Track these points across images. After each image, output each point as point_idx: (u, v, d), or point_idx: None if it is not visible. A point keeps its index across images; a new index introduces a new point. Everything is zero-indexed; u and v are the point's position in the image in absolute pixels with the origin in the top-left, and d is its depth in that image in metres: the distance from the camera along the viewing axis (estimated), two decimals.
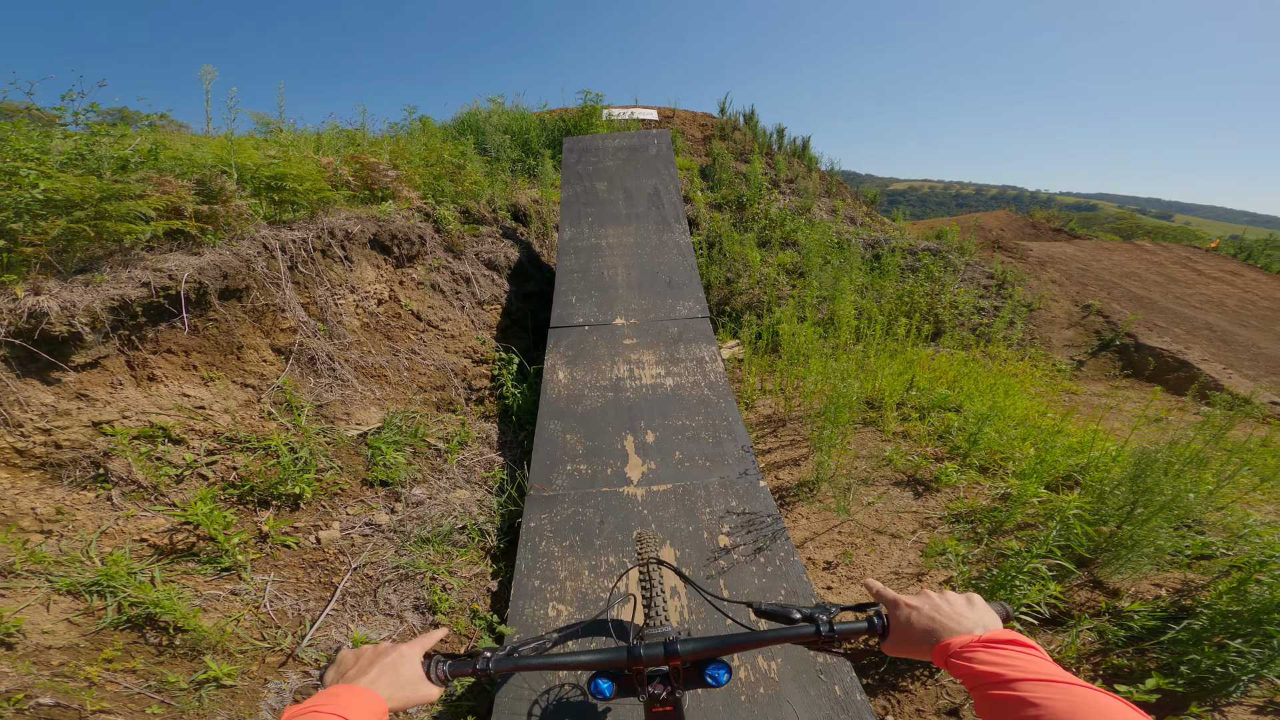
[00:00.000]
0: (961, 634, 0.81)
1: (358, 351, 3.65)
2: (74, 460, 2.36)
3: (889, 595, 0.95)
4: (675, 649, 0.96)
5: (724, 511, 2.87)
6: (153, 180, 2.80)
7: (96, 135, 2.88)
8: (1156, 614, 2.48)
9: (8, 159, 2.48)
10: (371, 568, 2.71)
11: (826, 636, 0.93)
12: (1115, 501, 2.53)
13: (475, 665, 0.95)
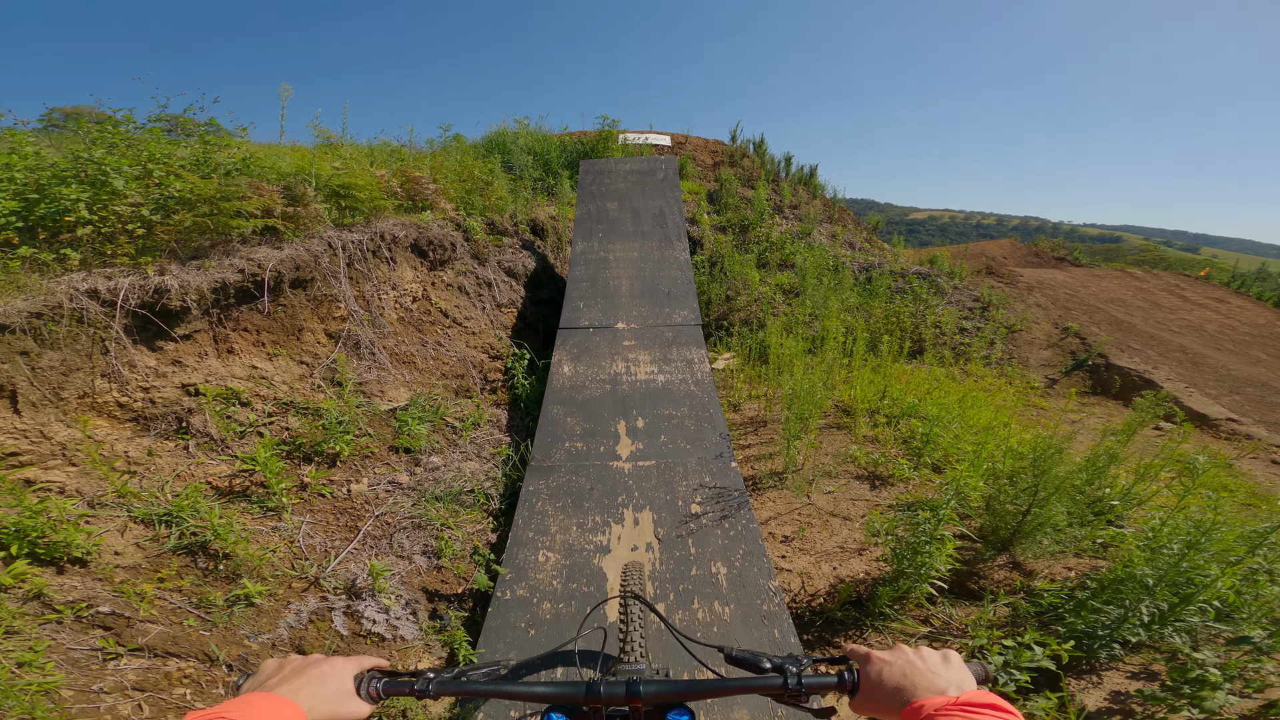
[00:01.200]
0: (934, 694, 0.76)
1: (394, 340, 4.14)
2: (162, 415, 2.84)
3: (861, 650, 0.89)
4: (637, 690, 0.90)
5: (698, 485, 3.28)
6: (251, 184, 3.34)
7: (209, 144, 3.44)
8: (1063, 592, 2.81)
9: (147, 162, 3.01)
10: (390, 516, 3.14)
11: (793, 690, 0.88)
12: (1022, 484, 2.89)
13: (414, 686, 0.90)
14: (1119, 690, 2.42)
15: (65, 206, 2.70)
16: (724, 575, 2.72)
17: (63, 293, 2.51)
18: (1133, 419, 3.64)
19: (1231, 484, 4.45)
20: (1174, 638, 2.41)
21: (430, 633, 2.77)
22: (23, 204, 2.73)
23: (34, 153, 2.98)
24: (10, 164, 2.82)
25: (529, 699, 0.93)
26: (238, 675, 0.83)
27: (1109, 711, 2.33)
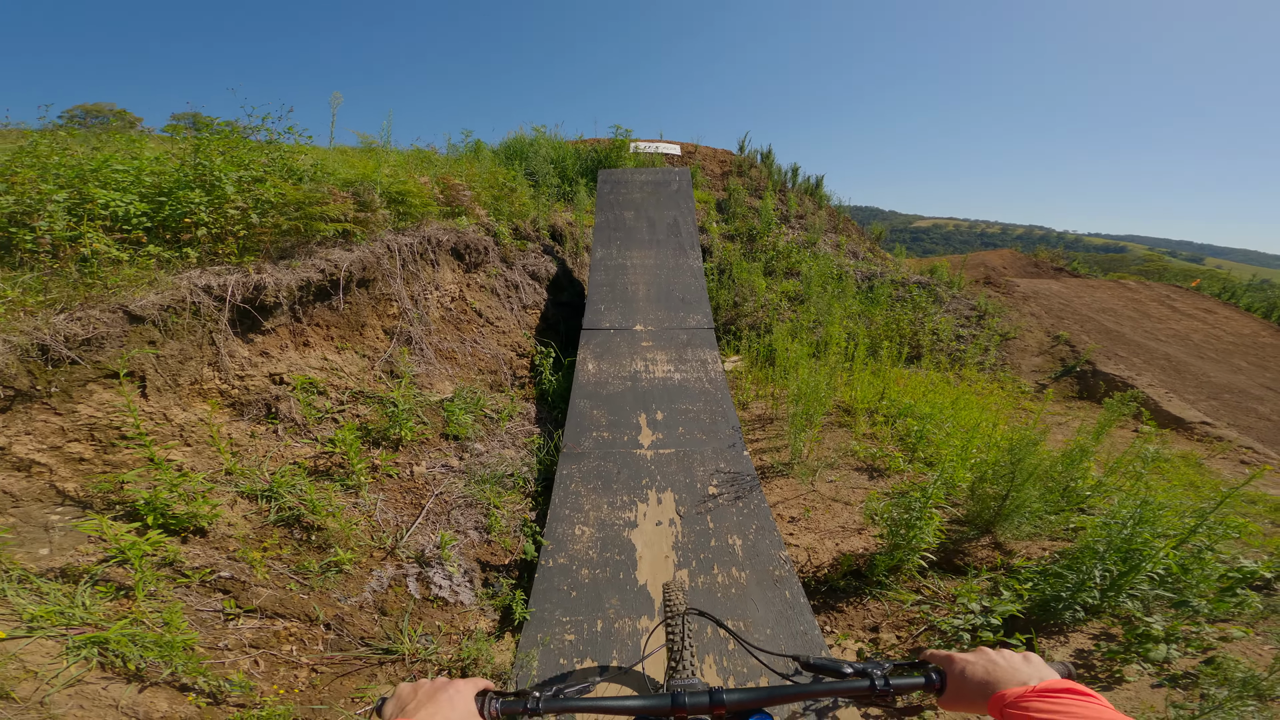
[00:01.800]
0: (1017, 685, 0.80)
1: (437, 337, 4.56)
2: (254, 401, 3.25)
3: (942, 653, 0.94)
4: (720, 698, 0.94)
5: (714, 470, 3.69)
6: (329, 190, 3.76)
7: (284, 152, 3.87)
8: (1037, 568, 3.20)
9: (247, 168, 3.44)
10: (447, 496, 3.56)
11: (881, 690, 0.90)
12: (1001, 471, 3.30)
13: (525, 705, 0.97)
14: (1082, 649, 2.81)
15: (187, 209, 3.12)
16: (739, 546, 3.14)
17: (185, 288, 2.93)
18: (1104, 417, 4.05)
19: (1198, 479, 4.85)
20: (1128, 604, 2.82)
21: (484, 599, 3.17)
22: (151, 206, 3.14)
23: (154, 158, 3.38)
24: (140, 168, 3.23)
25: (621, 711, 0.97)
26: (377, 700, 0.94)
27: (1074, 665, 2.73)
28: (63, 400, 2.49)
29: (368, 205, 4.10)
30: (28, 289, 2.57)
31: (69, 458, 2.48)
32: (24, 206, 2.77)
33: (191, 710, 2.12)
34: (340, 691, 2.47)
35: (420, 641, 2.74)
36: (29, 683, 1.90)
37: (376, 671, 2.61)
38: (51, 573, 2.24)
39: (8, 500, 2.29)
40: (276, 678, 2.43)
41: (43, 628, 2.04)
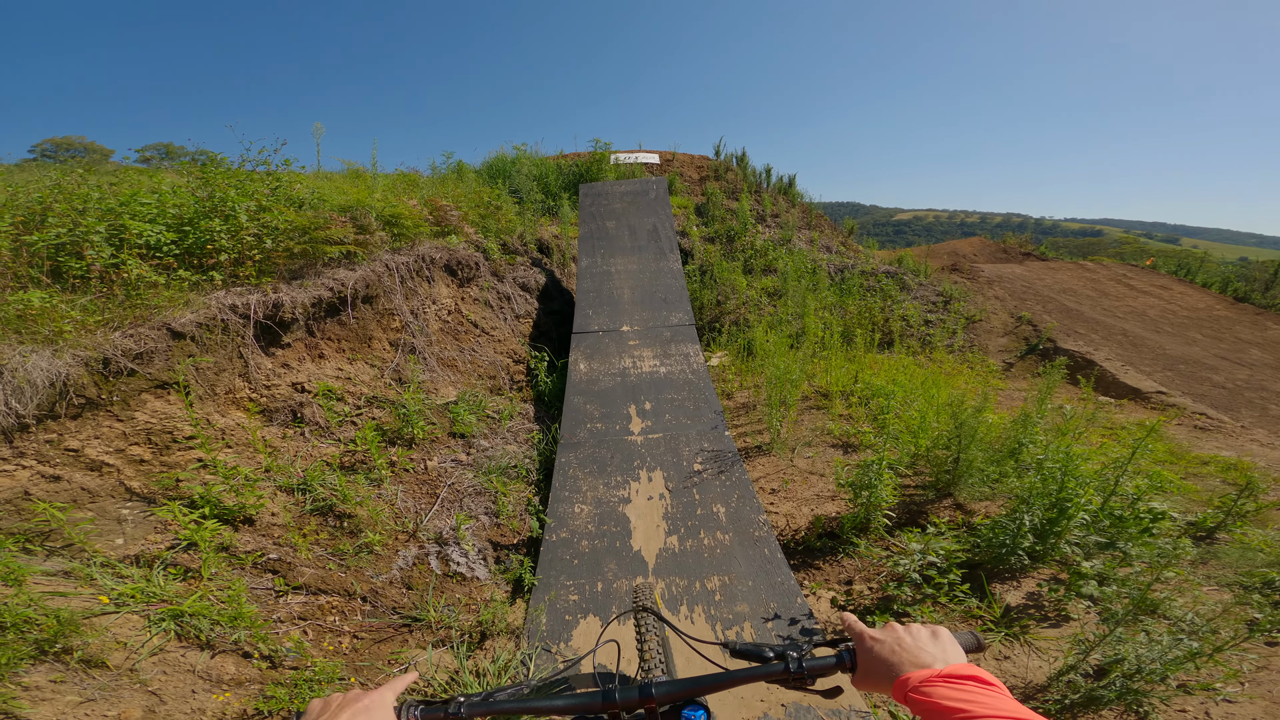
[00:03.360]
0: (919, 668, 0.79)
1: (438, 347, 4.92)
2: (280, 408, 3.60)
3: (857, 628, 0.93)
4: (650, 691, 0.96)
5: (699, 450, 4.07)
6: (330, 216, 4.13)
7: (288, 182, 4.23)
8: (990, 523, 3.57)
9: (252, 197, 3.79)
10: (458, 485, 3.90)
11: (796, 674, 0.92)
12: (949, 434, 3.71)
13: (448, 710, 0.95)
14: (1032, 591, 3.20)
15: (209, 237, 3.47)
16: (723, 513, 3.51)
17: (215, 306, 3.28)
18: (1043, 386, 4.47)
19: (1151, 443, 5.28)
20: (1066, 549, 3.19)
21: (497, 574, 3.52)
22: (177, 234, 3.49)
23: (171, 190, 3.73)
24: (164, 199, 3.57)
25: (553, 712, 0.98)
26: (292, 717, 1.00)
27: (1025, 605, 3.09)
28: (123, 408, 2.83)
29: (365, 228, 4.47)
30: (87, 310, 2.91)
31: (131, 459, 2.82)
32: (71, 237, 3.12)
33: (254, 672, 2.44)
34: (379, 654, 2.79)
35: (443, 611, 3.07)
36: (120, 653, 2.23)
37: (408, 637, 2.94)
38: (128, 559, 2.58)
39: (85, 496, 2.63)
40: (323, 644, 2.76)
41: (128, 605, 2.38)
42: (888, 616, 2.96)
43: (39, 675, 2.04)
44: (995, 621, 2.91)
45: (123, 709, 2.09)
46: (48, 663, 2.08)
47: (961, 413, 3.60)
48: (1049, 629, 2.86)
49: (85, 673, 2.12)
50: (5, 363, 2.51)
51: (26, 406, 2.50)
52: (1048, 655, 2.71)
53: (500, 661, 2.70)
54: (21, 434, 2.54)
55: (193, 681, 2.28)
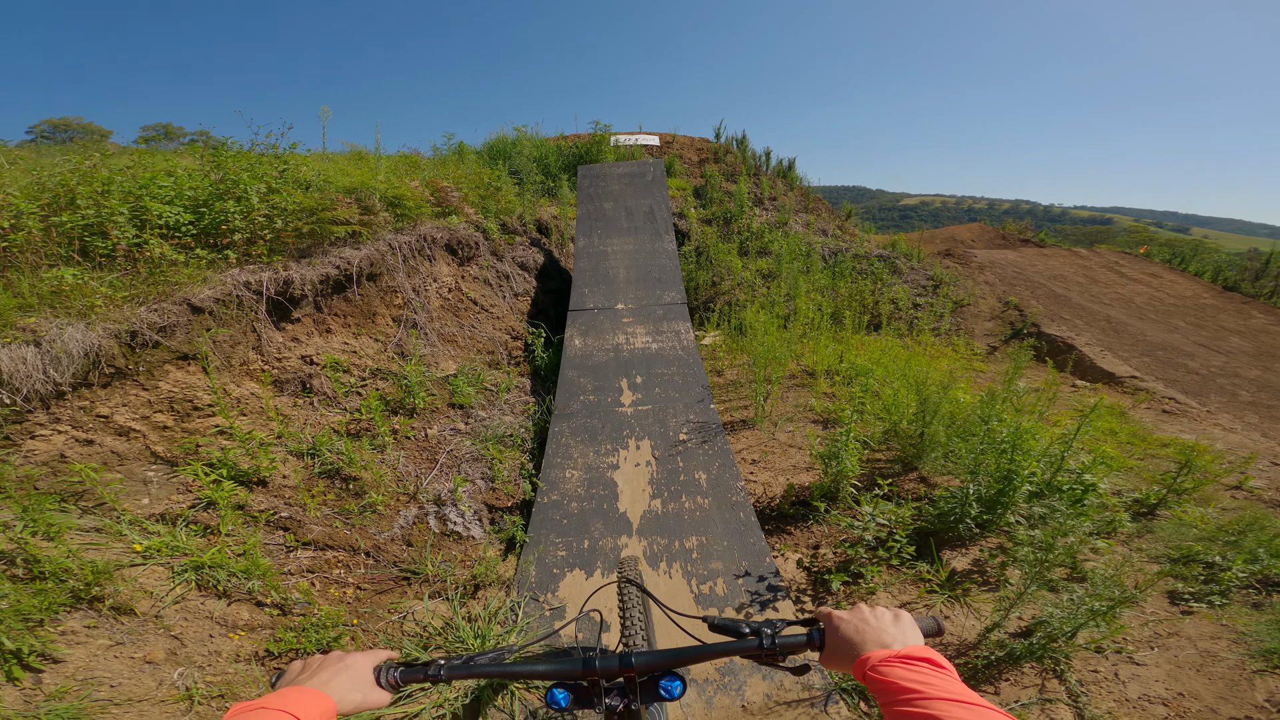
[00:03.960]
0: (879, 648, 0.82)
1: (439, 323, 5.13)
2: (291, 379, 3.82)
3: (825, 610, 0.97)
4: (629, 661, 0.97)
5: (685, 421, 4.31)
6: (336, 198, 4.31)
7: (295, 164, 4.41)
8: (949, 495, 3.79)
9: (261, 179, 3.98)
10: (456, 452, 4.15)
11: (769, 650, 0.95)
12: (915, 409, 3.93)
13: (428, 672, 0.96)
14: (977, 558, 3.43)
15: (223, 217, 3.68)
16: (704, 479, 3.75)
17: (230, 283, 3.49)
18: (1011, 368, 4.68)
19: (1116, 426, 5.49)
20: (1010, 518, 3.42)
21: (491, 533, 3.77)
22: (194, 215, 3.69)
23: (187, 173, 3.92)
24: (181, 182, 3.76)
25: (532, 677, 1.00)
26: (272, 674, 0.95)
27: (970, 570, 3.32)
28: (148, 378, 3.06)
29: (369, 209, 4.66)
30: (115, 287, 3.12)
31: (155, 425, 3.05)
32: (98, 218, 3.32)
33: (266, 619, 2.70)
34: (380, 604, 3.05)
35: (440, 566, 3.31)
36: (146, 601, 2.48)
37: (406, 589, 3.19)
38: (153, 517, 2.82)
39: (115, 459, 2.87)
40: (329, 593, 3.01)
41: (154, 558, 2.62)
42: (843, 575, 3.20)
43: (74, 621, 2.26)
44: (940, 585, 3.15)
45: (148, 651, 2.32)
46: (82, 610, 2.31)
47: (926, 389, 3.81)
48: (987, 593, 3.10)
49: (115, 619, 2.35)
50: (44, 335, 2.73)
51: (64, 375, 2.73)
52: (983, 616, 2.96)
53: (491, 608, 2.95)
54: (58, 401, 2.77)
55: (211, 627, 2.53)
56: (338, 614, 2.76)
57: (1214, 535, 3.35)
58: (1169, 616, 2.90)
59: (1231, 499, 3.93)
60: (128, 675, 2.22)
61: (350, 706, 0.87)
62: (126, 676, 2.21)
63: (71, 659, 2.17)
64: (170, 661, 2.33)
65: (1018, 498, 3.35)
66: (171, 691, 2.23)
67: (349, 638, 2.72)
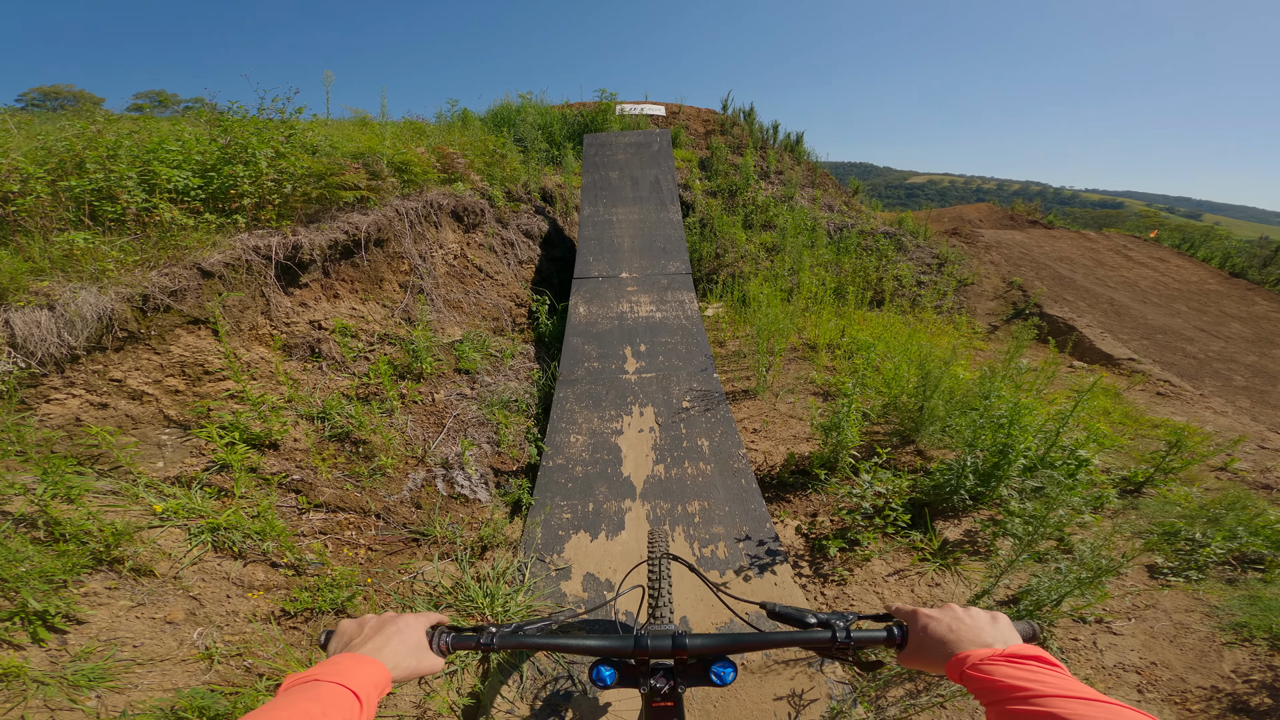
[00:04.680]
0: (979, 647, 0.77)
1: (445, 289, 5.13)
2: (299, 344, 3.84)
3: (907, 609, 0.91)
4: (682, 643, 0.93)
5: (688, 389, 4.35)
6: (345, 163, 4.27)
7: (298, 129, 4.36)
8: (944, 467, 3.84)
9: (269, 144, 3.94)
10: (463, 416, 4.19)
11: (842, 643, 0.89)
12: (915, 383, 3.96)
13: (479, 640, 0.94)
14: (970, 529, 3.48)
15: (232, 182, 3.65)
16: (707, 446, 3.80)
17: (240, 248, 3.48)
18: (1012, 346, 4.69)
19: (1111, 406, 5.52)
20: (1003, 491, 3.46)
21: (497, 496, 3.83)
22: (203, 180, 3.66)
23: (195, 138, 3.88)
24: (189, 146, 3.73)
25: (581, 651, 0.95)
26: (321, 635, 0.89)
27: (961, 541, 3.38)
28: (159, 342, 3.07)
29: (377, 174, 4.62)
30: (126, 251, 3.11)
31: (168, 389, 3.08)
32: (106, 182, 3.29)
33: (281, 579, 2.75)
34: (390, 564, 3.11)
35: (448, 528, 3.37)
36: (165, 562, 2.53)
37: (416, 550, 3.26)
38: (168, 479, 2.87)
39: (130, 422, 2.90)
40: (342, 554, 3.07)
41: (171, 520, 2.66)
42: (840, 542, 3.26)
43: (96, 582, 2.31)
44: (933, 553, 3.21)
45: (168, 611, 2.38)
46: (103, 571, 2.35)
47: (928, 364, 3.83)
48: (978, 561, 3.17)
49: (135, 580, 2.40)
50: (57, 298, 2.73)
51: (77, 339, 2.74)
52: (972, 584, 3.03)
53: (499, 569, 3.02)
54: (72, 365, 2.78)
55: (228, 587, 2.58)
56: (351, 574, 2.81)
57: (1196, 513, 3.41)
58: (1147, 589, 2.98)
59: (1216, 479, 3.99)
60: (149, 635, 2.27)
61: (404, 673, 0.83)
62: (148, 637, 2.26)
63: (95, 620, 2.22)
64: (190, 621, 2.38)
65: (1012, 471, 3.40)
66: (192, 651, 2.29)
67: (362, 597, 2.78)
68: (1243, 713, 2.30)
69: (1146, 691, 2.44)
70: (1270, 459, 4.33)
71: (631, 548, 3.13)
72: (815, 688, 2.37)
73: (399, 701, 2.38)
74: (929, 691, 2.42)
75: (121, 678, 2.10)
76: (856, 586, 3.09)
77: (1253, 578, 2.97)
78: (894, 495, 3.37)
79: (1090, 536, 3.21)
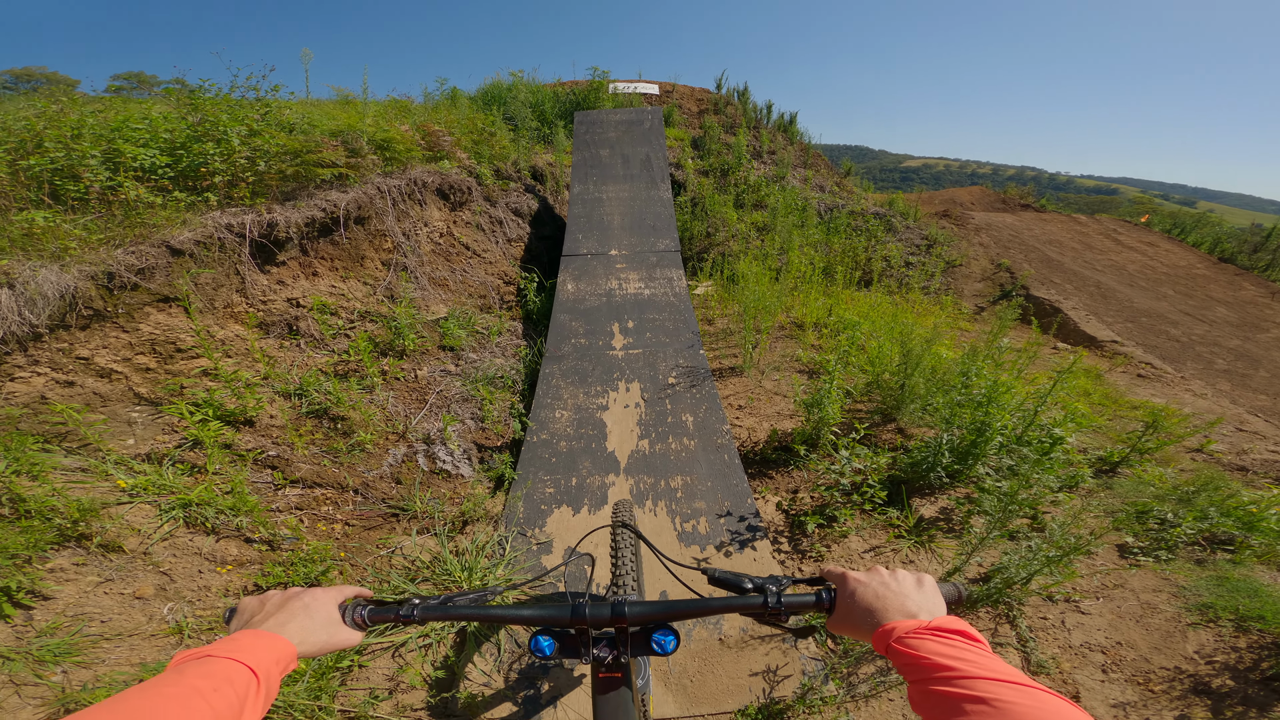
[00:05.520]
0: (905, 617, 0.75)
1: (430, 267, 5.01)
2: (277, 322, 3.74)
3: (837, 571, 0.87)
4: (622, 610, 0.90)
5: (674, 366, 4.29)
6: (322, 140, 4.13)
7: (273, 107, 4.20)
8: (922, 445, 3.79)
9: (242, 122, 3.79)
10: (446, 393, 4.11)
11: (773, 609, 0.87)
12: (897, 361, 3.90)
13: (399, 612, 0.89)
14: (945, 506, 3.43)
15: (203, 160, 3.51)
16: (691, 422, 3.75)
17: (212, 226, 3.36)
18: (996, 325, 4.63)
19: (1091, 387, 5.48)
20: (979, 469, 3.43)
21: (480, 472, 3.78)
22: (171, 158, 3.53)
23: (163, 116, 3.73)
24: (156, 124, 3.59)
25: (515, 621, 0.92)
26: (225, 612, 0.84)
27: (936, 518, 3.32)
28: (128, 320, 2.97)
29: (357, 152, 4.48)
30: (89, 230, 3.00)
31: (138, 367, 2.98)
32: (68, 161, 3.16)
33: (254, 554, 2.69)
34: (368, 539, 3.05)
35: (429, 503, 3.32)
36: (135, 538, 2.46)
37: (395, 525, 3.20)
38: (139, 456, 2.78)
39: (98, 400, 2.81)
40: (318, 530, 3.02)
41: (141, 496, 2.59)
42: (818, 518, 3.23)
43: (62, 559, 2.25)
44: (908, 530, 3.18)
45: (138, 587, 2.32)
46: (70, 548, 2.29)
47: (910, 342, 3.77)
48: (951, 539, 3.14)
49: (104, 556, 2.34)
50: (17, 276, 2.62)
51: (39, 317, 2.64)
52: (945, 561, 3.00)
53: (479, 543, 2.97)
54: (35, 343, 2.68)
55: (200, 563, 2.53)
56: (326, 549, 2.76)
57: (1169, 493, 3.39)
58: (1117, 568, 2.95)
59: (1191, 460, 3.97)
60: (118, 611, 2.22)
61: (314, 648, 0.80)
62: (117, 612, 2.21)
63: (61, 595, 2.16)
64: (160, 597, 2.34)
65: (989, 449, 3.36)
66: (162, 625, 2.24)
67: (337, 571, 2.73)
68: (1204, 694, 2.28)
69: (1111, 671, 2.42)
70: (1246, 441, 4.31)
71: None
72: (789, 664, 2.35)
73: (371, 674, 2.35)
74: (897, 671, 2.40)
75: (88, 653, 2.06)
76: (833, 563, 3.06)
77: (1221, 559, 2.94)
78: (872, 473, 3.33)
79: (1062, 515, 3.18)
